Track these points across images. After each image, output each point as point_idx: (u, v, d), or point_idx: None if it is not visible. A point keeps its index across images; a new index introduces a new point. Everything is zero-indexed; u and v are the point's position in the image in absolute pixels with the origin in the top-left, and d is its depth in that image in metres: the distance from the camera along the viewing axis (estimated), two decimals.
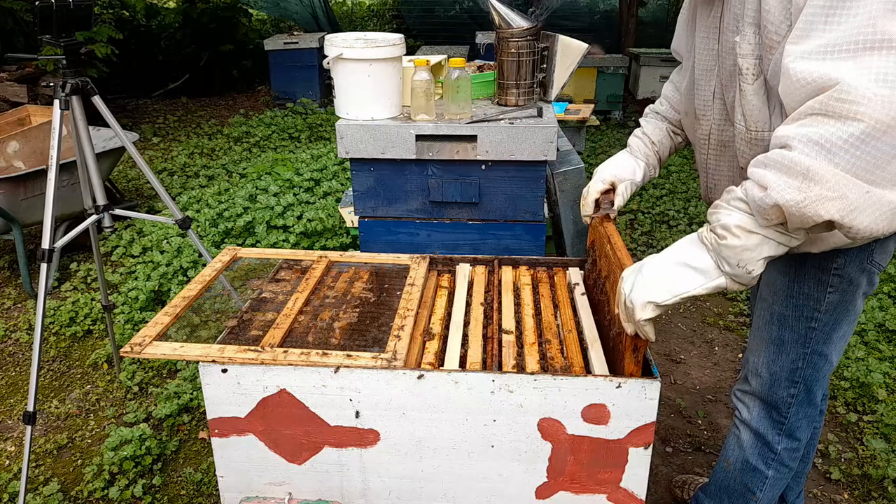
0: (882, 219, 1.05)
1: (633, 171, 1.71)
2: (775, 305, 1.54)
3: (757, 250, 1.14)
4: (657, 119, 1.77)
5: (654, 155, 1.74)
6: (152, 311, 3.31)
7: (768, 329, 1.56)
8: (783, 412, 1.61)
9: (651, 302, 1.22)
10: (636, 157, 1.74)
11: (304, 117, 6.76)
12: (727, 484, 1.77)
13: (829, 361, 1.56)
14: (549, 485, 1.49)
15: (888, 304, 3.24)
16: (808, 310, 1.49)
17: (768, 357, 1.58)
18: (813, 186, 1.04)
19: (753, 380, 1.63)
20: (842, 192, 1.03)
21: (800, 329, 1.52)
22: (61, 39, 2.11)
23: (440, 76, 2.42)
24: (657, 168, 1.75)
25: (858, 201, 1.04)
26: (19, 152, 4.01)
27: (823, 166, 1.04)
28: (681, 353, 3.06)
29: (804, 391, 1.58)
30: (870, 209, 1.04)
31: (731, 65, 1.37)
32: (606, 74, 6.77)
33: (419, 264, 1.88)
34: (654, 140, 1.74)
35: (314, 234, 3.84)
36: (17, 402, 2.78)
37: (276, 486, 1.57)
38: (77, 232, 2.25)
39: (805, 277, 1.47)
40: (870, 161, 1.03)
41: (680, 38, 1.68)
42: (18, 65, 5.82)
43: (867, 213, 1.04)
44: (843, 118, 1.04)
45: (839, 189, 1.04)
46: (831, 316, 1.49)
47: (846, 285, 1.45)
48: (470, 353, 1.52)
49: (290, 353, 1.46)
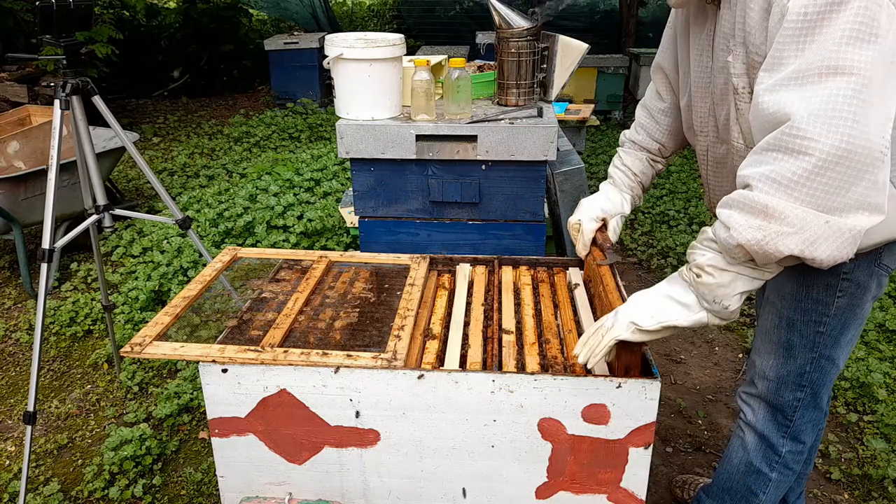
0: (844, 245, 1.09)
1: (620, 204, 1.74)
2: (783, 309, 1.53)
3: (731, 286, 1.20)
4: (635, 149, 1.77)
5: (637, 186, 1.76)
6: (152, 311, 3.31)
7: (776, 333, 1.56)
8: (789, 416, 1.61)
9: (633, 322, 1.28)
10: (621, 190, 1.76)
11: (304, 117, 6.76)
12: (730, 486, 1.76)
13: (836, 366, 1.56)
14: (550, 485, 1.49)
15: (888, 304, 3.24)
16: (817, 314, 1.48)
17: (776, 361, 1.57)
18: (772, 224, 1.10)
19: (760, 383, 1.62)
20: (800, 227, 1.08)
21: (808, 333, 1.51)
22: (62, 39, 2.11)
23: (440, 76, 2.42)
24: (641, 197, 1.79)
25: (818, 233, 1.08)
26: (19, 152, 4.01)
27: (782, 203, 1.09)
28: (681, 353, 3.06)
29: (810, 395, 1.58)
30: (830, 239, 1.09)
31: (723, 83, 1.37)
32: (606, 74, 6.77)
33: (419, 264, 1.88)
34: (635, 171, 1.75)
35: (314, 234, 3.84)
36: (17, 402, 2.78)
37: (276, 486, 1.57)
38: (77, 232, 2.25)
39: (814, 282, 1.46)
40: (827, 191, 1.07)
41: (665, 53, 1.66)
42: (19, 65, 5.83)
43: (829, 243, 1.09)
44: (795, 153, 1.09)
45: (797, 224, 1.08)
46: (840, 320, 1.49)
47: (855, 289, 1.45)
48: (470, 353, 1.52)
49: (290, 353, 1.46)
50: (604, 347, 1.32)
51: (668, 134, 1.72)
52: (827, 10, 1.08)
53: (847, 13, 1.06)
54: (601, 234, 1.72)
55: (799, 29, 1.11)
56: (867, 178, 1.07)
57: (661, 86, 1.71)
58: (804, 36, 1.10)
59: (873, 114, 1.07)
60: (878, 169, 1.08)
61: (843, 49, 1.06)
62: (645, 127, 1.75)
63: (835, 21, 1.07)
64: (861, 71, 1.06)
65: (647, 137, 1.75)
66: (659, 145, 1.74)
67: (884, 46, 1.06)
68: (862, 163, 1.06)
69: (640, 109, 1.77)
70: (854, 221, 1.09)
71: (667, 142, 1.73)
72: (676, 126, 1.70)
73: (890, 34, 1.06)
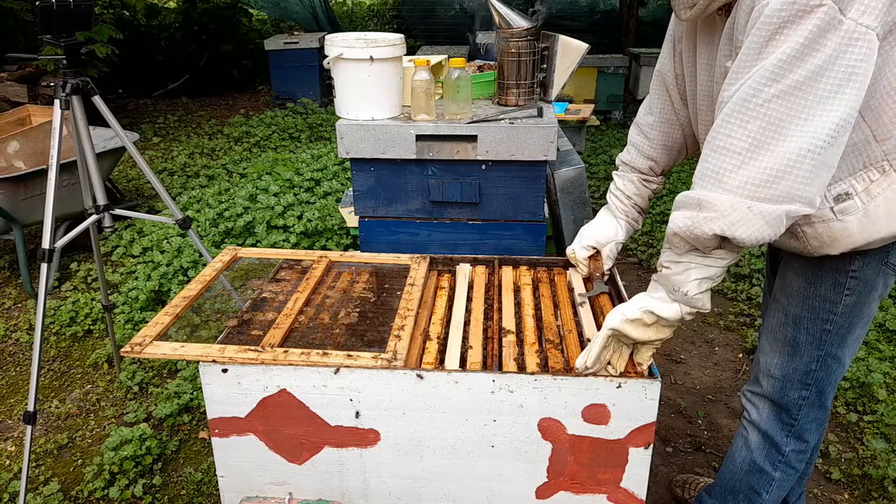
0: (765, 227, 1.20)
1: (615, 231, 1.77)
2: (790, 307, 1.54)
3: (685, 274, 1.32)
4: (627, 171, 1.78)
5: (632, 209, 1.78)
6: (152, 311, 3.31)
7: (783, 331, 1.56)
8: (793, 414, 1.61)
9: (620, 312, 1.38)
10: (616, 216, 1.79)
11: (304, 117, 6.76)
12: (732, 485, 1.77)
13: (842, 364, 1.56)
14: (550, 485, 1.49)
15: (888, 304, 3.24)
16: (825, 312, 1.50)
17: (782, 359, 1.58)
18: (702, 212, 1.24)
19: (765, 381, 1.63)
20: (724, 212, 1.21)
21: (815, 331, 1.52)
22: (62, 39, 2.10)
23: (440, 76, 2.42)
24: (640, 219, 1.81)
25: (739, 216, 1.20)
26: (20, 152, 4.01)
27: (713, 195, 1.22)
28: (681, 353, 3.06)
29: (816, 393, 1.58)
30: (752, 221, 1.20)
31: None
32: (606, 74, 6.77)
33: (419, 264, 1.88)
34: (628, 195, 1.77)
35: (314, 234, 3.84)
36: (17, 402, 2.78)
37: (276, 486, 1.57)
38: (77, 232, 2.25)
39: (822, 280, 1.47)
40: (755, 182, 1.19)
41: (665, 62, 1.67)
42: (19, 65, 5.83)
43: (749, 225, 1.20)
44: (725, 150, 1.22)
45: (722, 209, 1.21)
46: (847, 319, 1.49)
47: (862, 287, 1.46)
48: (470, 353, 1.52)
49: (290, 353, 1.46)
50: (600, 339, 1.38)
51: (659, 148, 1.72)
52: (789, 20, 1.13)
53: (805, 26, 1.12)
54: (594, 262, 1.78)
55: (762, 35, 1.17)
56: (795, 173, 1.17)
57: (657, 95, 1.70)
58: (764, 43, 1.17)
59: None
60: (808, 163, 1.16)
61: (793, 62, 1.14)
62: (636, 145, 1.76)
63: (793, 32, 1.13)
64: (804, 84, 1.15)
65: (637, 156, 1.75)
66: (650, 162, 1.73)
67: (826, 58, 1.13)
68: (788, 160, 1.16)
69: (632, 129, 1.78)
70: (773, 207, 1.19)
71: (658, 157, 1.73)
72: (667, 140, 1.71)
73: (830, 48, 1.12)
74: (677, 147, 1.72)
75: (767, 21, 1.14)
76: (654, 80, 1.71)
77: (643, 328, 1.37)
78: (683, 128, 1.69)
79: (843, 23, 1.10)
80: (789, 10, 1.12)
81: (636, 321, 1.36)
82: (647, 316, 1.36)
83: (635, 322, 1.36)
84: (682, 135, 1.70)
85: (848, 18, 1.10)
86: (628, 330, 1.36)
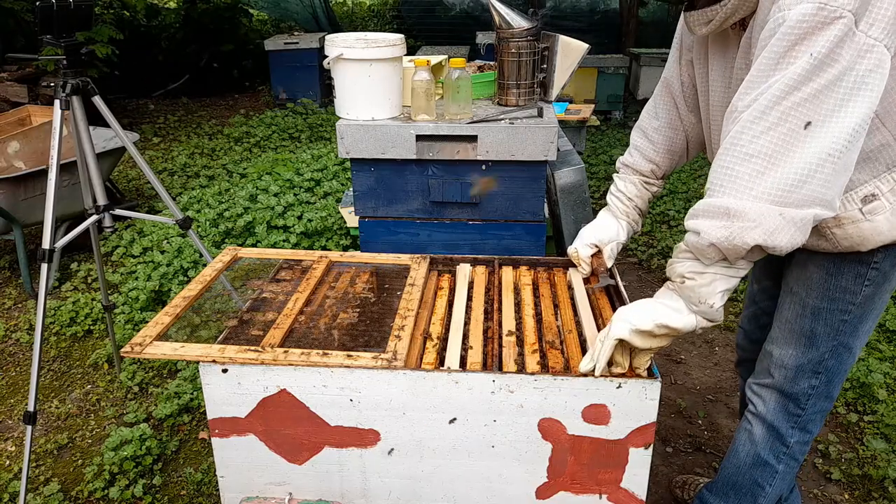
0: (797, 233, 1.22)
1: (616, 231, 1.79)
2: (809, 298, 1.55)
3: (712, 286, 1.31)
4: (629, 173, 1.81)
5: (633, 211, 1.80)
6: (153, 311, 3.31)
7: (799, 322, 1.58)
8: (801, 404, 1.63)
9: (628, 321, 1.35)
10: (617, 217, 1.80)
11: (304, 117, 6.76)
12: (735, 480, 1.77)
13: (852, 355, 1.59)
14: (550, 485, 1.49)
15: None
16: (844, 303, 1.52)
17: (796, 350, 1.60)
18: (735, 221, 1.22)
19: (776, 372, 1.64)
20: (758, 221, 1.20)
21: (833, 322, 1.54)
22: (62, 39, 2.10)
23: (440, 76, 2.42)
24: (640, 221, 1.83)
25: (775, 224, 1.20)
26: (20, 152, 4.01)
27: (741, 203, 1.22)
28: (681, 353, 3.06)
29: (825, 383, 1.61)
30: (786, 228, 1.21)
31: None
32: (607, 74, 6.77)
33: (419, 264, 1.88)
34: (629, 196, 1.79)
35: (314, 234, 3.84)
36: (17, 402, 2.78)
37: (276, 486, 1.57)
38: (77, 232, 2.25)
39: (844, 271, 1.50)
40: (782, 188, 1.19)
41: (671, 70, 1.70)
42: (19, 65, 5.83)
43: (785, 232, 1.21)
44: (749, 156, 1.22)
45: (757, 218, 1.21)
46: (863, 309, 1.53)
47: (881, 279, 1.49)
48: (470, 353, 1.52)
49: (290, 354, 1.46)
50: (606, 350, 1.36)
51: (663, 153, 1.75)
52: (810, 31, 1.15)
53: (826, 36, 1.14)
54: (596, 259, 1.79)
55: (782, 45, 1.19)
56: (818, 177, 1.18)
57: (663, 101, 1.73)
58: (783, 53, 1.19)
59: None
60: (830, 167, 1.18)
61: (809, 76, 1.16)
62: (639, 148, 1.78)
63: (814, 43, 1.15)
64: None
65: (640, 159, 1.78)
66: (652, 165, 1.77)
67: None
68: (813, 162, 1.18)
69: (634, 132, 1.81)
70: (803, 212, 1.20)
71: (661, 161, 1.76)
72: (671, 145, 1.74)
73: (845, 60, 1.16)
74: (679, 152, 1.75)
75: (788, 32, 1.17)
76: (660, 87, 1.74)
77: (650, 338, 1.36)
78: (687, 134, 1.72)
79: (856, 34, 1.15)
80: (811, 22, 1.15)
81: (645, 333, 1.35)
82: (660, 329, 1.34)
83: (644, 333, 1.35)
84: (685, 140, 1.73)
85: (859, 31, 1.15)
86: (636, 341, 1.35)
